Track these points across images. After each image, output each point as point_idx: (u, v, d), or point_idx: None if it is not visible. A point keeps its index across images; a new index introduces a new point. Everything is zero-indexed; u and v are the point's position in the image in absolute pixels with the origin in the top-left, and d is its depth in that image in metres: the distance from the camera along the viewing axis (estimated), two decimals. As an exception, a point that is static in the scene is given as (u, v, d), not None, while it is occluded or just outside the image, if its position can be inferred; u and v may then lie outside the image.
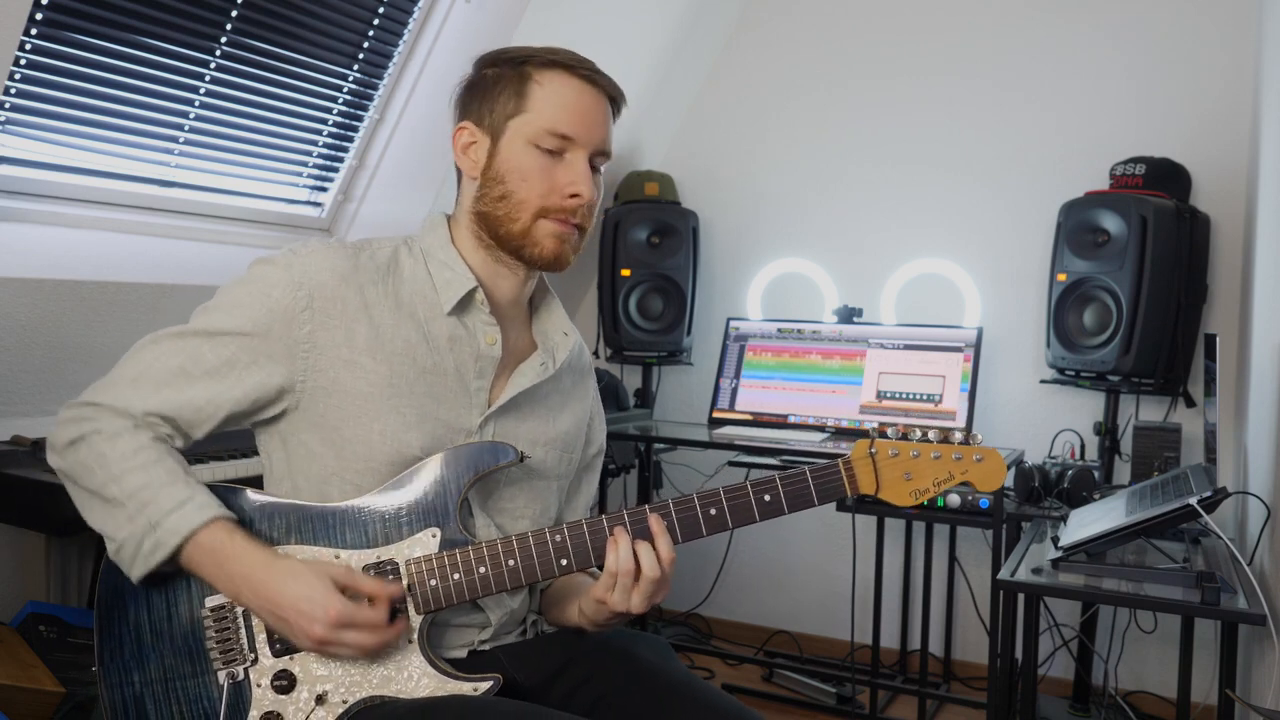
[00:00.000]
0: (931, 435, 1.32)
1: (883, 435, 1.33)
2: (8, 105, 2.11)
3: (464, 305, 1.36)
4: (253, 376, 1.29)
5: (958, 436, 1.32)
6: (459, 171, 1.40)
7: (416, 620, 1.28)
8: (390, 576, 1.28)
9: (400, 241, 1.39)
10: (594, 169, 1.36)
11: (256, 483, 1.38)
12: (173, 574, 1.27)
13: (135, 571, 1.24)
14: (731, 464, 3.42)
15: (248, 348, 1.28)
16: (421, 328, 1.34)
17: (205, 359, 1.28)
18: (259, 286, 1.29)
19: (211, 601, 1.27)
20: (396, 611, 1.26)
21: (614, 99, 1.38)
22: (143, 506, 1.22)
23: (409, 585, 1.28)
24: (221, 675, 1.26)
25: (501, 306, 1.40)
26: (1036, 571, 1.94)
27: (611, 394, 3.37)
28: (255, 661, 1.27)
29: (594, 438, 1.56)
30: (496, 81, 1.34)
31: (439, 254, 1.37)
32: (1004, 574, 1.95)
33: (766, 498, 1.31)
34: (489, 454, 1.32)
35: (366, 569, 1.28)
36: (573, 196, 1.33)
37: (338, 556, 1.28)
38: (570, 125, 1.32)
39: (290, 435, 1.33)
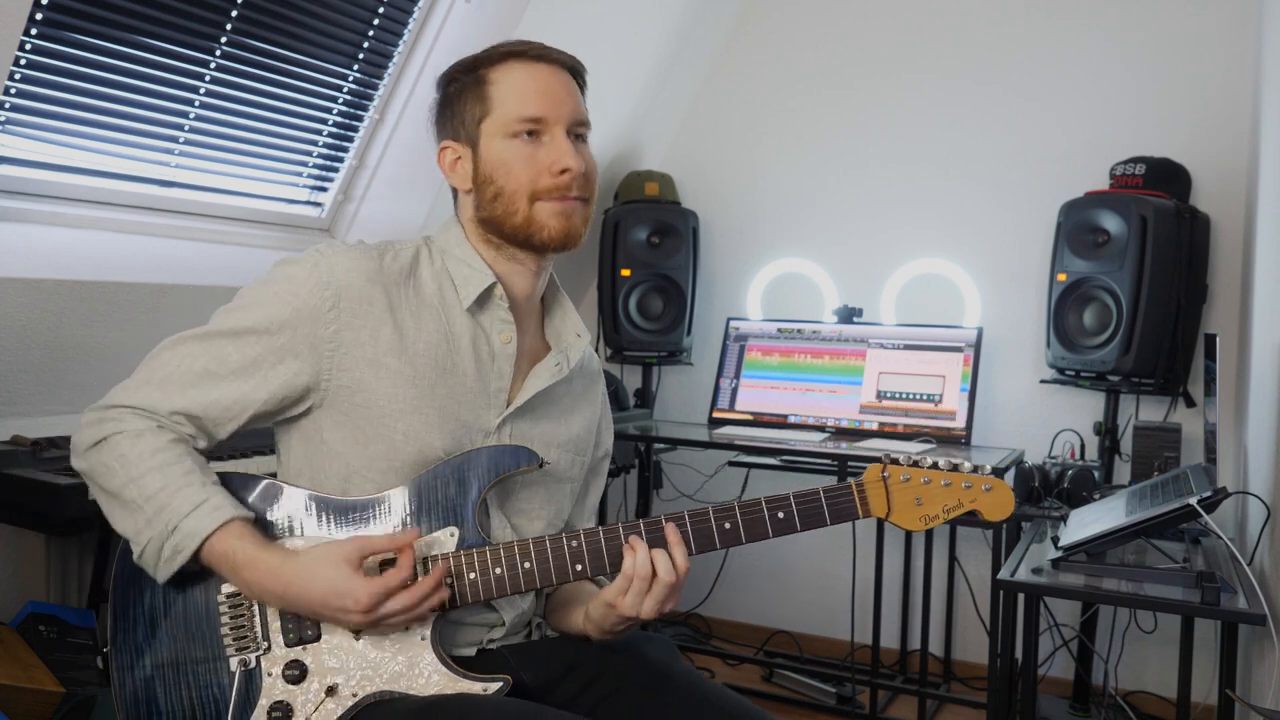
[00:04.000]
0: (942, 464, 1.34)
1: (895, 462, 1.35)
2: (8, 105, 2.11)
3: (482, 302, 1.37)
4: (279, 376, 1.29)
5: (967, 466, 1.35)
6: (455, 191, 1.42)
7: (431, 617, 1.28)
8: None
9: (420, 243, 1.40)
10: (579, 139, 1.37)
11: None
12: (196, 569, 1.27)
13: (160, 575, 1.24)
14: (731, 464, 3.42)
15: (273, 346, 1.28)
16: (443, 328, 1.35)
17: (230, 359, 1.28)
18: (285, 286, 1.29)
19: (228, 588, 1.27)
20: (428, 560, 1.27)
21: (573, 69, 1.39)
22: (160, 510, 1.23)
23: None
24: (234, 662, 1.26)
25: (518, 304, 1.40)
26: (1036, 571, 1.94)
27: (611, 394, 3.37)
28: (268, 650, 1.27)
29: (602, 441, 1.56)
30: (459, 95, 1.37)
31: (456, 251, 1.38)
32: (1004, 574, 1.95)
33: (780, 515, 1.33)
34: (510, 457, 1.34)
35: (384, 564, 1.27)
36: (562, 172, 1.33)
37: None
38: (536, 106, 1.34)
39: (312, 433, 1.33)
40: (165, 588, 1.28)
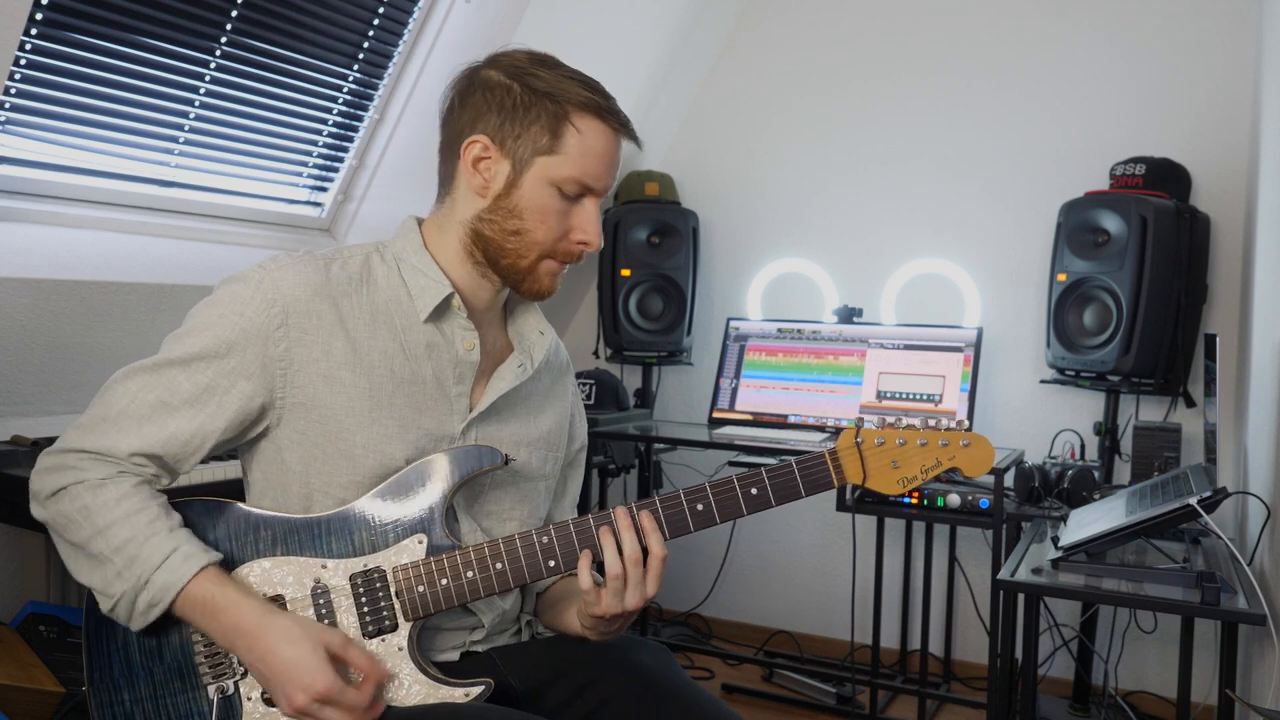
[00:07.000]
0: (917, 423, 1.31)
1: (868, 424, 1.32)
2: (8, 105, 2.11)
3: (440, 311, 1.34)
4: (234, 400, 1.26)
5: (945, 423, 1.31)
6: (450, 177, 1.36)
7: (405, 627, 1.27)
8: (378, 586, 1.28)
9: (372, 248, 1.37)
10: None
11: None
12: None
13: (134, 626, 1.22)
14: (732, 464, 3.42)
15: (224, 370, 1.25)
16: (398, 337, 1.32)
17: (183, 388, 1.25)
18: (231, 306, 1.26)
19: None
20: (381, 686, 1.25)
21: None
22: (130, 562, 1.20)
23: (396, 592, 1.28)
24: (211, 690, 1.25)
25: (479, 312, 1.38)
26: (1036, 571, 1.94)
27: (611, 394, 3.37)
28: (245, 675, 1.25)
29: (576, 434, 1.55)
30: (529, 108, 1.29)
31: (412, 259, 1.35)
32: (1004, 574, 1.94)
33: (753, 491, 1.30)
34: (473, 458, 1.31)
35: (354, 578, 1.27)
36: (581, 243, 1.34)
37: (324, 566, 1.27)
38: (596, 177, 1.32)
39: (272, 454, 1.31)
40: None
